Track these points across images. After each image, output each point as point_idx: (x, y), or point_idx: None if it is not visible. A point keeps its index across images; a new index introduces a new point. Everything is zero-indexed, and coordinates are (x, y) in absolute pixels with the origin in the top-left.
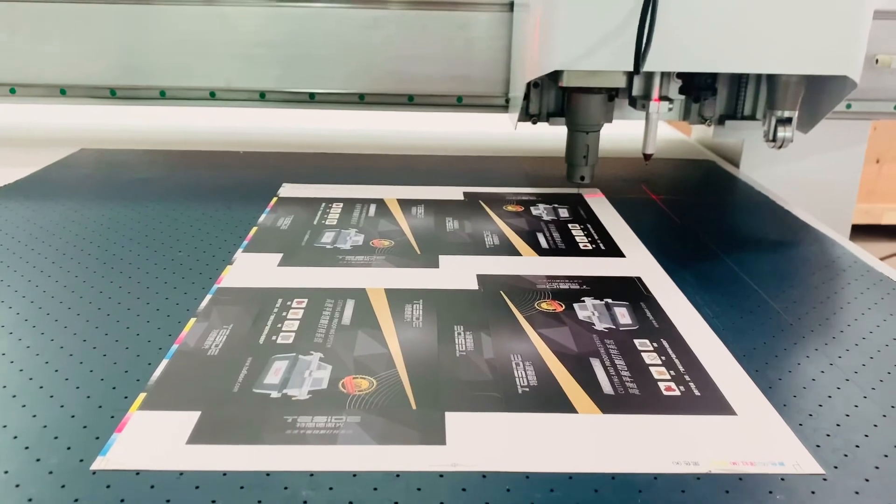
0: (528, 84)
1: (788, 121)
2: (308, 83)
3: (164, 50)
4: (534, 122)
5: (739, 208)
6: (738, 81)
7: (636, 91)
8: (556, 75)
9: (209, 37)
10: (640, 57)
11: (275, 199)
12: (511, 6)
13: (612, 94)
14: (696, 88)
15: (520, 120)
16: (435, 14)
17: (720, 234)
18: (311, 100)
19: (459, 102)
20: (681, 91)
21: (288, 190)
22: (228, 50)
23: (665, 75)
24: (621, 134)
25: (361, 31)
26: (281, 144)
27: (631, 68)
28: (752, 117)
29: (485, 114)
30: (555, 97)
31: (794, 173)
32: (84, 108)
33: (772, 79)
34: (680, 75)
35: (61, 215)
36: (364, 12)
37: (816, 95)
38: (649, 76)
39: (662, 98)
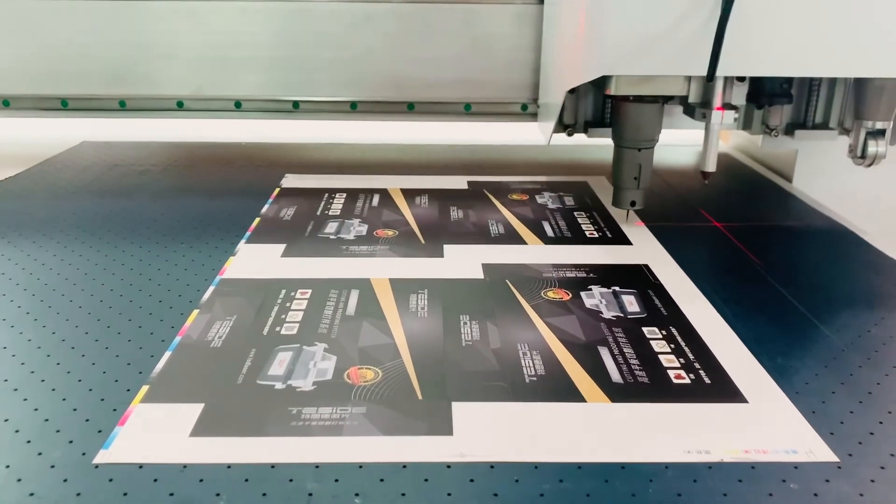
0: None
1: (881, 133)
2: (291, 90)
3: (124, 53)
4: (569, 135)
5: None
6: (809, 85)
7: (693, 97)
8: (599, 80)
9: (176, 37)
10: (716, 61)
11: (277, 189)
12: None
13: (664, 100)
14: (768, 95)
15: (554, 132)
16: (438, 7)
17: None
18: (295, 109)
19: (468, 111)
20: (749, 98)
21: (290, 180)
22: (198, 52)
23: (729, 79)
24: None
25: (353, 28)
26: (283, 135)
27: (695, 72)
28: (825, 126)
29: (499, 123)
30: (593, 103)
31: (853, 186)
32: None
33: (861, 83)
34: (747, 78)
35: (62, 208)
36: (355, 7)
37: None
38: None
39: (726, 106)
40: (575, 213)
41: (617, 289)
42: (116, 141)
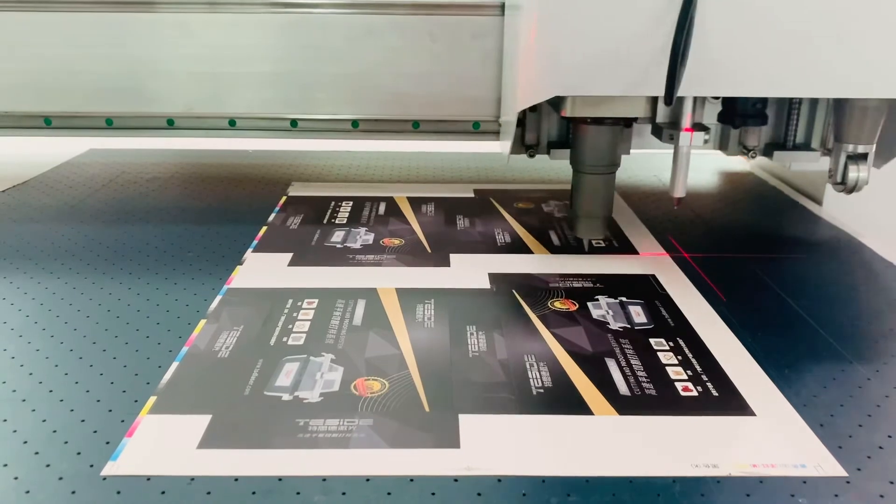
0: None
1: (863, 157)
2: (289, 107)
3: (111, 68)
4: (531, 156)
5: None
6: (789, 104)
7: (661, 118)
8: (556, 101)
9: (166, 52)
10: (674, 84)
11: (284, 198)
12: None
13: (629, 121)
14: (741, 115)
15: (513, 152)
16: (444, 20)
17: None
18: (293, 127)
19: (476, 129)
20: (720, 118)
21: (297, 188)
22: (190, 67)
23: (699, 98)
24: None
25: (354, 41)
26: (287, 144)
27: (653, 93)
28: (807, 146)
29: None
30: (557, 123)
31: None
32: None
33: (842, 104)
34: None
35: (69, 215)
36: (356, 18)
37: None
38: (679, 100)
39: (696, 127)
40: None
41: (624, 299)
42: (123, 149)
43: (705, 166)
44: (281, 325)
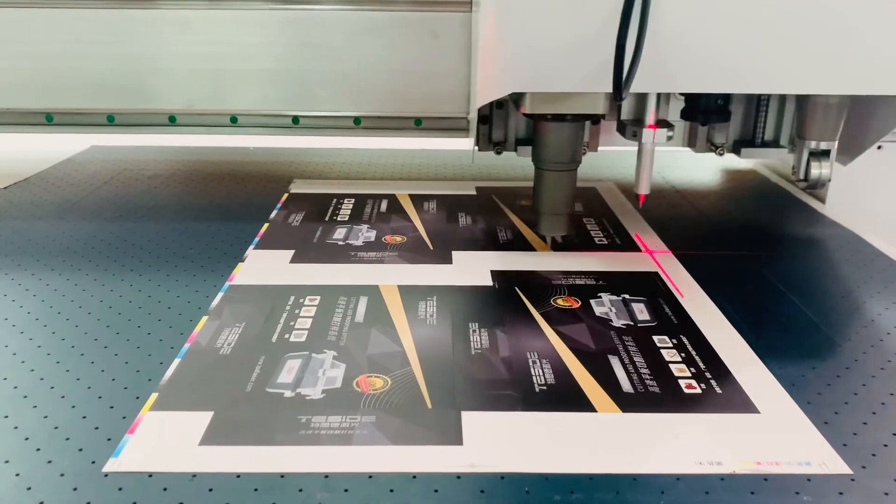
0: (491, 103)
1: (825, 154)
2: (290, 104)
3: (112, 65)
4: (498, 153)
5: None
6: (757, 99)
7: (626, 114)
8: (516, 97)
9: (168, 48)
10: (621, 79)
11: (286, 195)
12: None
13: (595, 118)
14: (703, 112)
15: (481, 149)
16: (446, 17)
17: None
18: (295, 124)
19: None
20: (683, 115)
21: (299, 186)
22: (191, 64)
23: (663, 94)
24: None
25: (355, 38)
26: (289, 141)
27: (607, 89)
28: (776, 143)
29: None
30: (525, 120)
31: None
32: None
33: (803, 101)
34: (683, 94)
35: (71, 212)
36: (358, 15)
37: (862, 119)
38: (642, 96)
39: (659, 124)
40: (584, 219)
41: (627, 296)
42: (124, 146)
43: (708, 164)
44: (283, 321)
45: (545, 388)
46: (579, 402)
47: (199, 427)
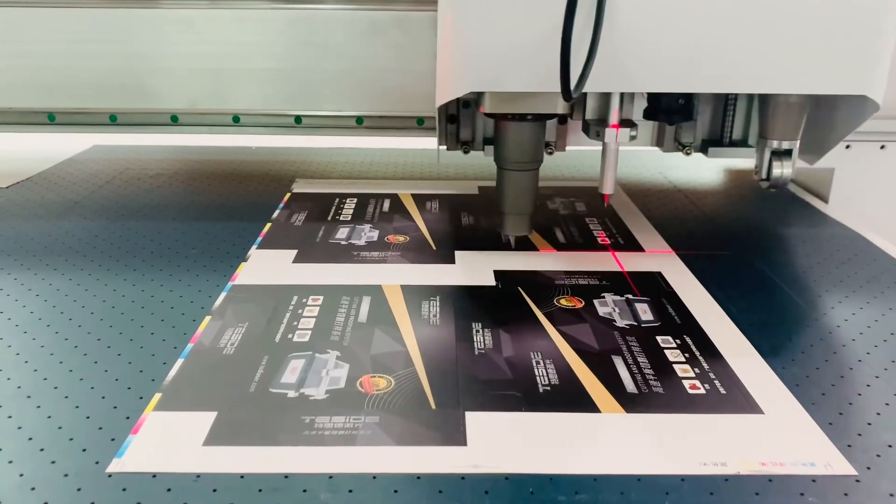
0: (457, 103)
1: (787, 154)
2: (292, 104)
3: (114, 64)
4: (465, 152)
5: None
6: (725, 99)
7: (589, 114)
8: (477, 96)
9: (169, 47)
10: (568, 79)
11: (288, 194)
12: None
13: (562, 118)
14: (665, 111)
15: (448, 148)
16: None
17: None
18: (297, 124)
19: None
20: (645, 115)
21: (301, 185)
22: (193, 63)
23: (626, 94)
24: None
25: (358, 37)
26: (291, 140)
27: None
28: (744, 143)
29: None
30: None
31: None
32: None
33: (764, 100)
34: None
35: (73, 212)
36: (360, 14)
37: (825, 119)
38: (606, 96)
39: (623, 123)
40: (587, 220)
41: (630, 296)
42: (126, 145)
43: (712, 164)
44: (286, 321)
45: (549, 388)
46: (583, 403)
47: (203, 427)
